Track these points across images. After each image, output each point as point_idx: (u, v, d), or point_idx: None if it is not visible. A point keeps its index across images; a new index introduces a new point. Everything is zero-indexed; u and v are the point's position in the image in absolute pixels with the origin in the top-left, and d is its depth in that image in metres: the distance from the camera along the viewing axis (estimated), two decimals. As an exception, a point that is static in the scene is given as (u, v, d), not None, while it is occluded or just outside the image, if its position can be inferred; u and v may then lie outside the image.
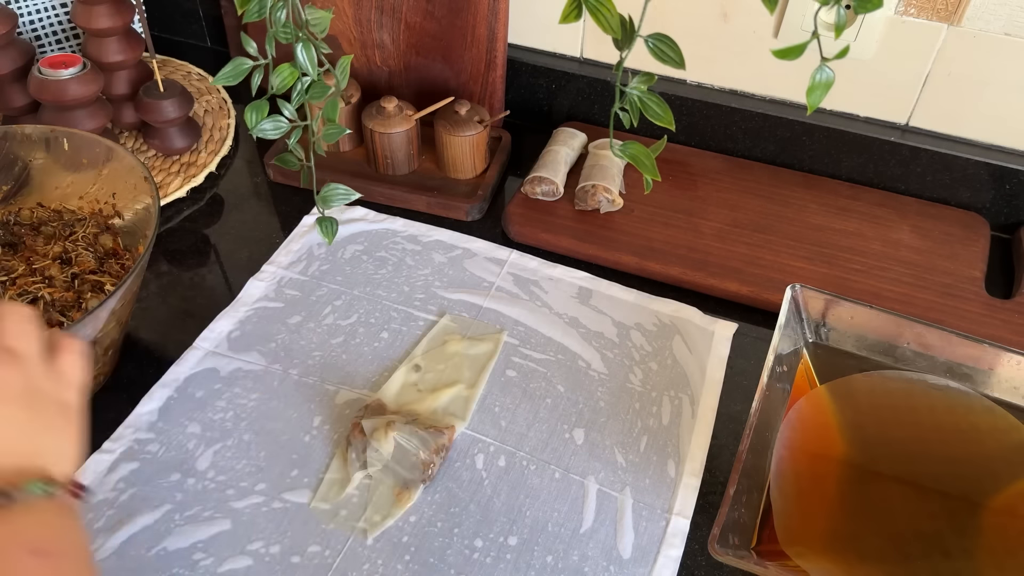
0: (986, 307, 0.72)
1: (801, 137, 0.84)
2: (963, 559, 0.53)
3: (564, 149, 0.83)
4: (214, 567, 0.54)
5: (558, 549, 0.56)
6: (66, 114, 0.79)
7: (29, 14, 0.89)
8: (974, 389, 0.60)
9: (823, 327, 0.64)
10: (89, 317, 0.55)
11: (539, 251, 0.78)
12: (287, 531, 0.56)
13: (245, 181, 0.86)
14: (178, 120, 0.85)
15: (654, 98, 0.52)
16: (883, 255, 0.76)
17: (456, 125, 0.81)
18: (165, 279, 0.75)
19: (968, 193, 0.81)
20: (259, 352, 0.68)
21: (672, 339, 0.70)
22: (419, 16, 0.84)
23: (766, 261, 0.75)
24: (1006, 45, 0.72)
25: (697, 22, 0.81)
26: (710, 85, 0.86)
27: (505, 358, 0.68)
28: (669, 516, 0.58)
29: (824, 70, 0.46)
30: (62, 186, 0.70)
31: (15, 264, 0.65)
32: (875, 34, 0.75)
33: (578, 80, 0.89)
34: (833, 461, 0.58)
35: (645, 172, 0.55)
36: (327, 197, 0.73)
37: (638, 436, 0.63)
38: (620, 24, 0.49)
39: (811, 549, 0.54)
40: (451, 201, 0.81)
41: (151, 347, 0.70)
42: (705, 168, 0.86)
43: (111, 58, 0.83)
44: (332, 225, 0.75)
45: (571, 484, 0.60)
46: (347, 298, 0.73)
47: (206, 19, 1.03)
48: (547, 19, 0.88)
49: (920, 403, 0.61)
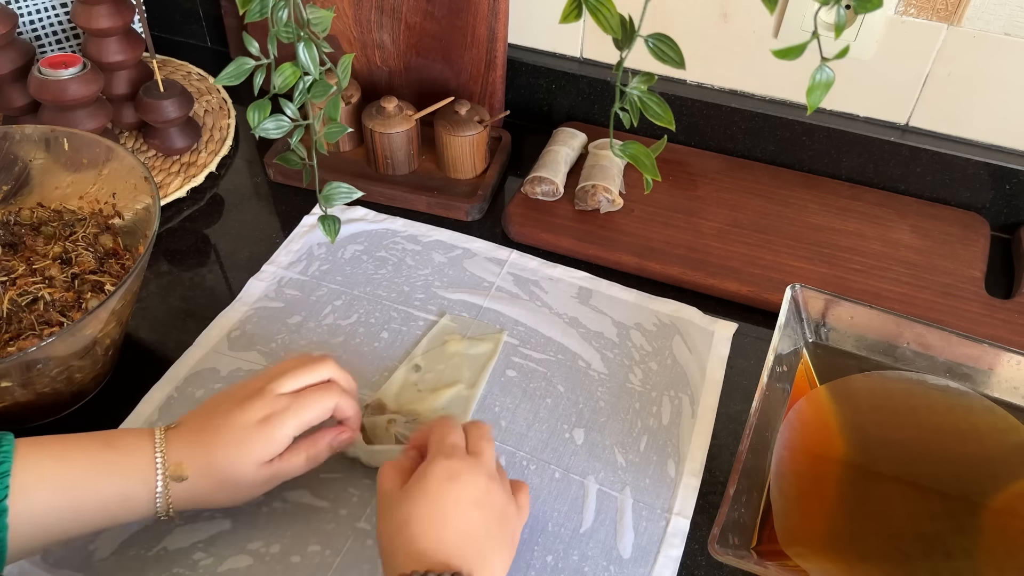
0: (986, 307, 0.72)
1: (801, 137, 0.84)
2: (963, 559, 0.53)
3: (564, 149, 0.83)
4: (214, 567, 0.54)
5: (558, 549, 0.56)
6: (66, 114, 0.79)
7: (29, 14, 0.89)
8: (974, 389, 0.60)
9: (823, 327, 0.64)
10: (89, 317, 0.55)
11: (539, 251, 0.78)
12: (287, 531, 0.56)
13: (245, 181, 0.86)
14: (178, 120, 0.85)
15: (654, 98, 0.52)
16: (883, 255, 0.76)
17: (456, 125, 0.81)
18: (165, 279, 0.75)
19: (968, 193, 0.81)
20: (259, 352, 0.68)
21: (672, 339, 0.70)
22: (419, 16, 0.84)
23: (766, 261, 0.75)
24: (1006, 45, 0.72)
25: (697, 22, 0.81)
26: (710, 85, 0.86)
27: (505, 358, 0.68)
28: (669, 516, 0.58)
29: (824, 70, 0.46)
30: (62, 186, 0.70)
31: (15, 264, 0.65)
32: (875, 34, 0.75)
33: (578, 80, 0.89)
34: (833, 461, 0.58)
35: (645, 172, 0.54)
36: (329, 196, 0.73)
37: (638, 436, 0.63)
38: (620, 24, 0.49)
39: (811, 549, 0.54)
40: (451, 201, 0.81)
41: (151, 347, 0.70)
42: (705, 168, 0.86)
43: (111, 58, 0.83)
44: (335, 223, 0.75)
45: (571, 484, 0.60)
46: (347, 298, 0.73)
47: (206, 19, 1.03)
48: (547, 19, 0.88)
49: (920, 403, 0.61)
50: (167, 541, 0.56)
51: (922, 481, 0.57)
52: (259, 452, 0.52)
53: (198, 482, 0.51)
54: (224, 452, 0.51)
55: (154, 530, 0.56)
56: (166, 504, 0.51)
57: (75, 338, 0.56)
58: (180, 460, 0.51)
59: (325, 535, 0.56)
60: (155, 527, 0.56)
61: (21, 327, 0.61)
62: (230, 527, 0.56)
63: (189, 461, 0.51)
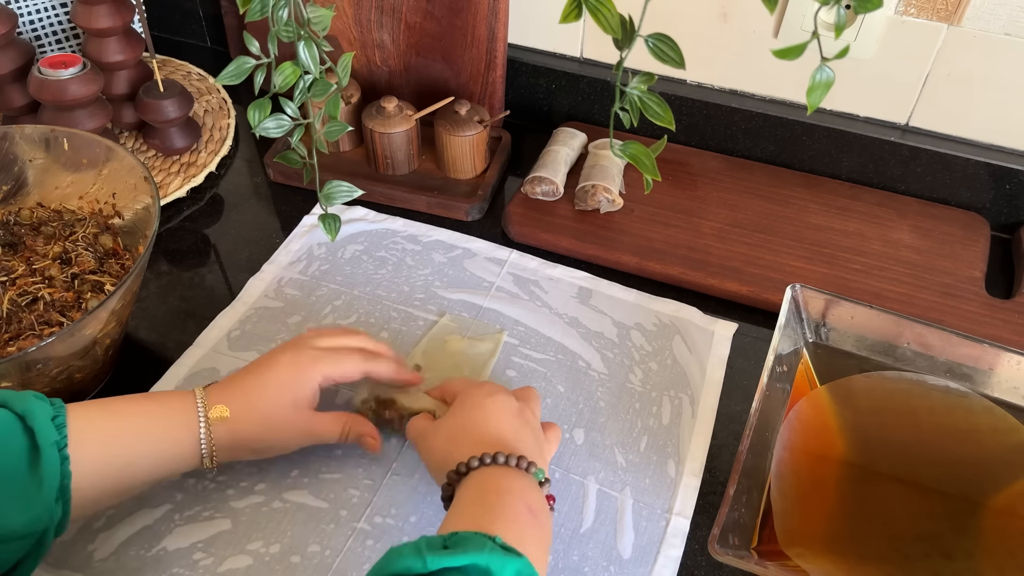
0: (986, 307, 0.72)
1: (801, 137, 0.84)
2: (963, 559, 0.53)
3: (564, 149, 0.83)
4: (214, 567, 0.54)
5: (558, 549, 0.56)
6: (66, 114, 0.79)
7: (29, 14, 0.89)
8: (974, 389, 0.60)
9: (823, 327, 0.64)
10: (89, 317, 0.55)
11: (539, 251, 0.78)
12: (287, 531, 0.56)
13: (245, 181, 0.86)
14: (178, 120, 0.85)
15: (654, 98, 0.52)
16: (883, 255, 0.76)
17: (456, 125, 0.81)
18: (165, 279, 0.75)
19: (968, 193, 0.81)
20: (259, 352, 0.68)
21: (672, 339, 0.70)
22: (419, 16, 0.84)
23: (766, 261, 0.75)
24: (1006, 45, 0.72)
25: (697, 22, 0.81)
26: (710, 85, 0.86)
27: (505, 358, 0.68)
28: (669, 516, 0.58)
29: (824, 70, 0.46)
30: (62, 186, 0.70)
31: (15, 264, 0.65)
32: (875, 34, 0.75)
33: (578, 80, 0.89)
34: (833, 462, 0.58)
35: (645, 172, 0.54)
36: (330, 194, 0.73)
37: (638, 436, 0.63)
38: (620, 24, 0.49)
39: (811, 550, 0.54)
40: (451, 201, 0.81)
41: (151, 347, 0.70)
42: (705, 168, 0.85)
43: (111, 58, 0.83)
44: (335, 222, 0.75)
45: (571, 484, 0.60)
46: (347, 298, 0.73)
47: (206, 19, 1.03)
48: (547, 19, 0.88)
49: (920, 404, 0.61)
50: (167, 541, 0.56)
51: (922, 481, 0.57)
52: (293, 393, 0.55)
53: (238, 424, 0.54)
54: (261, 392, 0.55)
55: (154, 530, 0.56)
56: (210, 449, 0.53)
57: (75, 338, 0.56)
58: (220, 403, 0.54)
59: (325, 535, 0.56)
60: (155, 527, 0.56)
61: (21, 327, 0.61)
62: (230, 527, 0.56)
63: (229, 403, 0.54)
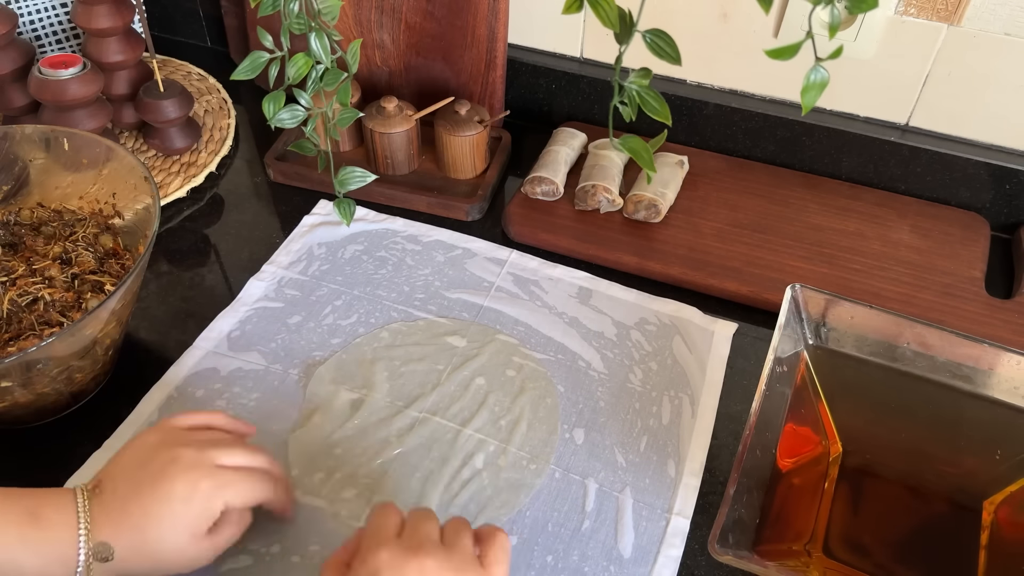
0: (986, 307, 0.72)
1: (801, 137, 0.84)
2: (963, 559, 0.53)
3: (564, 149, 0.83)
4: (214, 567, 0.54)
5: (558, 549, 0.56)
6: (66, 114, 0.79)
7: (29, 14, 0.89)
8: (974, 389, 0.60)
9: (823, 327, 0.64)
10: (89, 317, 0.55)
11: (539, 251, 0.78)
12: (287, 531, 0.56)
13: (245, 181, 0.86)
14: (178, 120, 0.85)
15: (651, 93, 0.52)
16: (883, 255, 0.76)
17: (456, 125, 0.81)
18: (165, 279, 0.75)
19: (968, 193, 0.81)
20: (259, 352, 0.68)
21: (672, 339, 0.70)
22: (419, 16, 0.84)
23: (766, 261, 0.75)
24: (1006, 45, 0.72)
25: (697, 22, 0.81)
26: (710, 85, 0.86)
27: (505, 358, 0.68)
28: (669, 516, 0.58)
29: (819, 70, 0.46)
30: (62, 186, 0.70)
31: (15, 264, 0.65)
32: (875, 34, 0.75)
33: (578, 80, 0.89)
34: (832, 462, 0.58)
35: (644, 166, 0.55)
36: (344, 179, 0.74)
37: (638, 436, 0.63)
38: (619, 17, 0.49)
39: (811, 550, 0.54)
40: (451, 201, 0.81)
41: (151, 347, 0.70)
42: (705, 168, 0.85)
43: (111, 58, 0.83)
44: (350, 206, 0.76)
45: (571, 484, 0.60)
46: (347, 298, 0.73)
47: (206, 19, 1.03)
48: (547, 19, 0.88)
49: (920, 403, 0.61)
50: (167, 541, 0.56)
51: (922, 481, 0.57)
52: (192, 528, 0.48)
53: (128, 561, 0.47)
54: (155, 529, 0.47)
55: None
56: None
57: (75, 338, 0.56)
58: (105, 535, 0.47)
59: (325, 535, 0.56)
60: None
61: (21, 327, 0.61)
62: (230, 527, 0.56)
63: (116, 539, 0.47)
